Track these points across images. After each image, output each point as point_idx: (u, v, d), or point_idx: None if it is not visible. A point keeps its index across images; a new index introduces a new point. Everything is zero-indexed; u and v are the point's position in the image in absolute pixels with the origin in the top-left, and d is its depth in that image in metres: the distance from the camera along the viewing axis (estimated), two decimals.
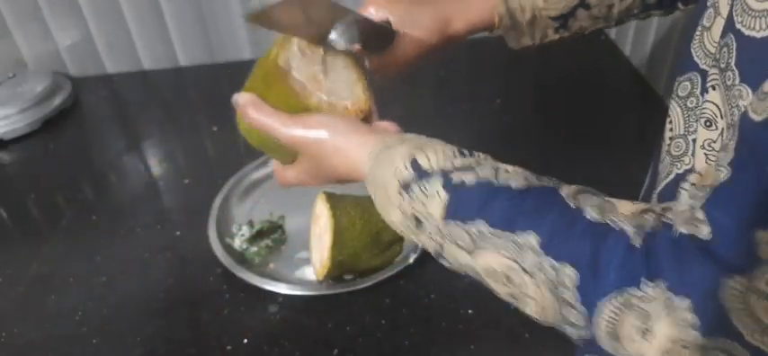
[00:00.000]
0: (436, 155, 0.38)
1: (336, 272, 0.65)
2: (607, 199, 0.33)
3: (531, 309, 0.34)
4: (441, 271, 0.68)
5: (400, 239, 0.70)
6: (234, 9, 1.20)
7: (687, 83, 0.41)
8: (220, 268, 0.70)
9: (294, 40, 0.49)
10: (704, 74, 0.39)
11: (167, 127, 1.08)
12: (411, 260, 0.68)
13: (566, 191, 0.34)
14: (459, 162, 0.38)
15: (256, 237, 0.73)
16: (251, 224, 0.75)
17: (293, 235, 0.75)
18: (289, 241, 0.75)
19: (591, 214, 0.32)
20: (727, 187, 0.27)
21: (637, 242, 0.30)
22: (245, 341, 0.62)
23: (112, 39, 1.24)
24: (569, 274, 0.31)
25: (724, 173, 0.27)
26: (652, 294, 0.28)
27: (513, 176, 0.36)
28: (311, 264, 0.69)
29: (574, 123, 0.95)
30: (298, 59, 0.49)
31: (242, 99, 0.49)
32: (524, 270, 0.33)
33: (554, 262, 0.31)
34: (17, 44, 1.25)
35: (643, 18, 0.59)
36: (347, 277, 0.67)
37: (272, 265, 0.71)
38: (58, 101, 1.12)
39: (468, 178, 0.36)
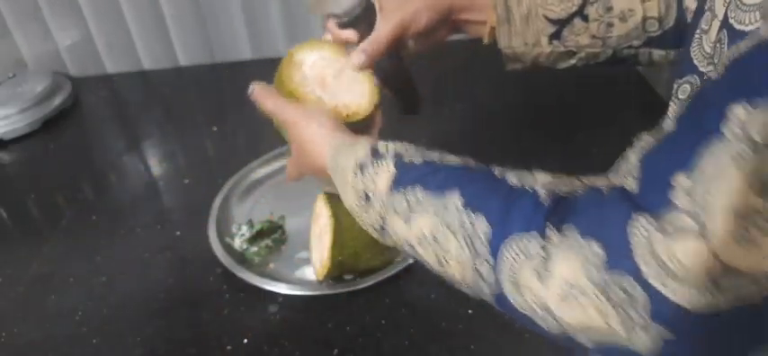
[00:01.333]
0: (395, 144, 0.43)
1: (336, 272, 0.65)
2: (532, 171, 0.36)
3: (453, 270, 0.36)
4: None
5: None
6: (234, 9, 1.20)
7: (687, 85, 0.41)
8: (220, 268, 0.70)
9: (326, 47, 0.57)
10: (702, 76, 0.39)
11: (167, 127, 1.08)
12: (411, 260, 0.68)
13: (498, 170, 0.37)
14: (413, 150, 0.42)
15: (256, 237, 0.73)
16: (251, 224, 0.75)
17: (293, 235, 0.75)
18: (289, 241, 0.75)
19: (511, 180, 0.35)
20: (668, 138, 0.27)
21: (546, 200, 0.32)
22: (245, 341, 0.62)
23: (112, 39, 1.25)
24: (482, 227, 0.33)
25: (670, 128, 0.28)
26: (555, 238, 0.30)
27: (456, 159, 0.40)
28: (311, 264, 0.69)
29: (573, 123, 0.95)
30: (315, 59, 0.56)
31: (256, 84, 0.56)
32: (448, 227, 0.35)
33: (472, 215, 0.34)
34: (17, 44, 1.25)
35: (642, 61, 0.55)
36: (347, 277, 0.67)
37: (272, 265, 0.71)
38: (58, 101, 1.13)
39: (417, 158, 0.40)
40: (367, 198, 0.41)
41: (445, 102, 1.03)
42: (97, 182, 0.93)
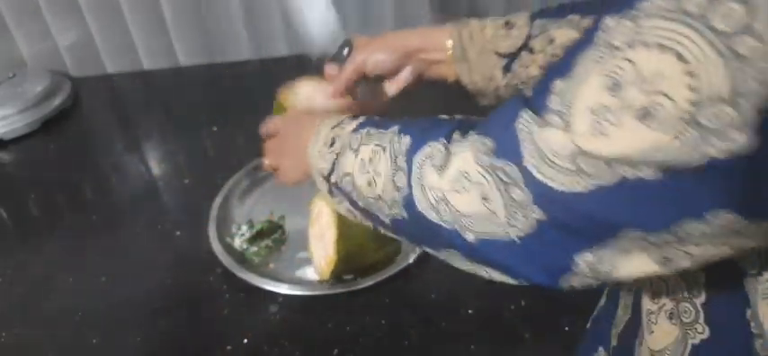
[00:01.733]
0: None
1: (341, 268, 0.65)
2: None
3: (378, 189, 0.40)
4: (441, 271, 0.68)
5: None
6: (234, 9, 1.20)
7: None
8: (220, 268, 0.70)
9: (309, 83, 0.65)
10: None
11: (167, 127, 1.08)
12: (411, 259, 0.68)
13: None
14: None
15: (256, 237, 0.73)
16: (251, 224, 0.75)
17: (293, 235, 0.75)
18: (289, 241, 0.75)
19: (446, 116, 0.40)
20: (563, 57, 0.30)
21: (459, 118, 0.37)
22: (245, 341, 0.62)
23: (112, 39, 1.24)
24: (405, 141, 0.39)
25: None
26: (454, 139, 0.35)
27: None
28: (313, 266, 0.69)
29: None
30: (308, 85, 0.65)
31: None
32: (383, 148, 0.41)
33: (400, 135, 0.40)
34: (17, 44, 1.25)
35: None
36: (347, 277, 0.67)
37: (272, 265, 0.71)
38: (57, 101, 1.13)
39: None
40: (332, 142, 0.47)
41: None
42: (97, 182, 0.93)
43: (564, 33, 0.54)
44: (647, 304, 0.40)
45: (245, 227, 0.74)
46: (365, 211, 0.44)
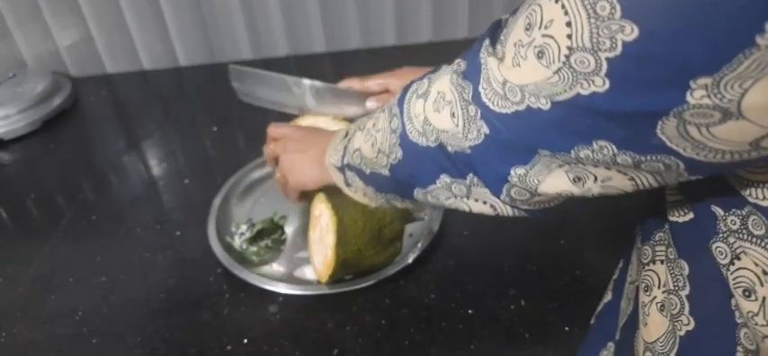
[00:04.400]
0: None
1: (341, 272, 0.65)
2: None
3: (377, 144, 0.46)
4: (441, 270, 0.68)
5: (400, 236, 0.70)
6: (234, 9, 1.20)
7: None
8: (220, 268, 0.70)
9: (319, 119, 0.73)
10: None
11: (167, 127, 1.08)
12: (410, 260, 0.68)
13: None
14: None
15: (256, 237, 0.73)
16: (251, 223, 0.75)
17: (293, 235, 0.75)
18: (289, 241, 0.75)
19: None
20: None
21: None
22: (245, 341, 0.62)
23: (112, 39, 1.25)
24: (399, 94, 0.45)
25: None
26: (437, 70, 0.41)
27: None
28: (313, 269, 0.69)
29: None
30: (309, 120, 0.72)
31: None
32: (382, 110, 0.47)
33: (397, 94, 0.45)
34: (17, 44, 1.25)
35: None
36: (347, 277, 0.67)
37: (272, 265, 0.71)
38: (58, 101, 1.13)
39: None
40: (346, 134, 0.52)
41: None
42: (97, 182, 0.93)
43: None
44: (641, 296, 0.41)
45: (244, 227, 0.74)
46: (372, 177, 0.49)
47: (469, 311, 0.63)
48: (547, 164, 0.34)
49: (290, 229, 0.76)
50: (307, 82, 0.71)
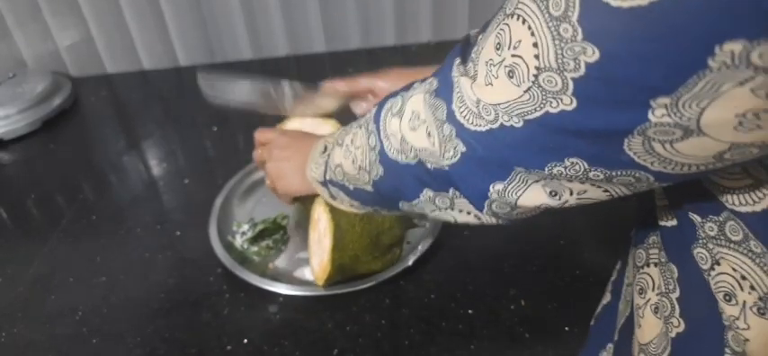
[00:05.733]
0: None
1: (337, 276, 0.65)
2: None
3: (357, 161, 0.47)
4: (441, 271, 0.68)
5: (400, 242, 0.70)
6: (234, 9, 1.20)
7: None
8: (220, 268, 0.70)
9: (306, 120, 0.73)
10: None
11: (167, 127, 1.08)
12: (410, 262, 0.68)
13: None
14: None
15: (257, 237, 0.73)
16: (253, 223, 0.75)
17: (294, 236, 0.75)
18: (290, 241, 0.75)
19: None
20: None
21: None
22: (245, 341, 0.62)
23: (112, 39, 1.25)
24: (374, 110, 0.45)
25: None
26: (412, 88, 0.41)
27: None
28: (311, 270, 0.69)
29: None
30: (295, 123, 0.73)
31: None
32: (359, 126, 0.47)
33: (372, 110, 0.46)
34: (17, 44, 1.25)
35: None
36: (344, 281, 0.67)
37: (272, 265, 0.71)
38: (58, 101, 1.13)
39: None
40: (324, 149, 0.52)
41: None
42: (97, 182, 0.93)
43: None
44: (636, 298, 0.41)
45: (246, 226, 0.74)
46: (356, 192, 0.49)
47: (469, 311, 0.63)
48: (523, 180, 0.34)
49: (291, 230, 0.76)
50: (286, 85, 0.71)
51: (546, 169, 0.32)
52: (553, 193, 0.34)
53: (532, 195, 0.35)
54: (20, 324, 0.67)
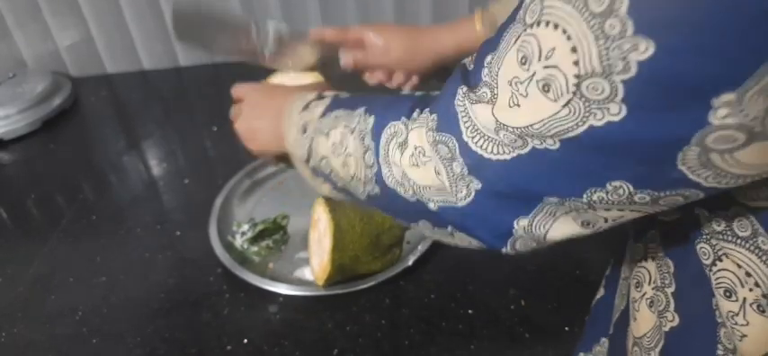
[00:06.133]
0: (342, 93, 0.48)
1: (337, 276, 0.65)
2: None
3: (351, 169, 0.42)
4: (441, 271, 0.68)
5: (399, 242, 0.70)
6: (234, 9, 1.20)
7: None
8: (220, 268, 0.70)
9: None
10: None
11: (167, 127, 1.08)
12: (410, 262, 0.68)
13: None
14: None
15: (258, 237, 0.73)
16: (254, 223, 0.75)
17: (294, 236, 0.75)
18: (290, 241, 0.75)
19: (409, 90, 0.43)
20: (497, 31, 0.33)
21: (419, 95, 0.39)
22: (245, 341, 0.62)
23: (112, 39, 1.25)
24: (370, 120, 0.40)
25: None
26: (413, 117, 0.37)
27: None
28: (311, 270, 0.69)
29: None
30: (279, 77, 0.68)
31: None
32: (350, 130, 0.42)
33: (366, 116, 0.41)
34: (17, 44, 1.25)
35: None
36: (344, 281, 0.67)
37: (272, 265, 0.71)
38: (58, 101, 1.13)
39: (351, 94, 0.46)
40: (304, 129, 0.47)
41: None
42: (97, 182, 0.93)
43: None
44: (632, 292, 0.41)
45: (246, 226, 0.74)
46: (345, 191, 0.45)
47: (469, 311, 0.63)
48: (552, 212, 0.31)
49: (291, 230, 0.76)
50: (272, 23, 0.65)
51: (584, 197, 0.29)
52: (586, 223, 0.31)
53: (563, 228, 0.32)
54: (20, 324, 0.67)
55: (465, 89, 0.33)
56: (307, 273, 0.70)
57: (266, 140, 0.55)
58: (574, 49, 0.25)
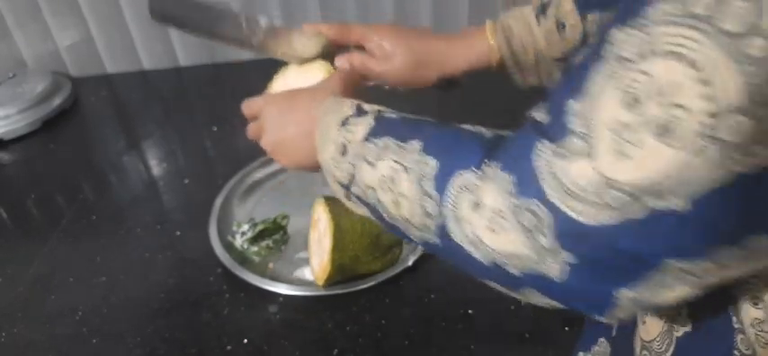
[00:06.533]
0: (380, 106, 0.44)
1: (337, 277, 0.65)
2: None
3: (404, 211, 0.37)
4: (441, 271, 0.68)
5: (399, 242, 0.70)
6: (234, 8, 1.20)
7: None
8: (220, 268, 0.70)
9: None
10: None
11: (167, 127, 1.08)
12: (410, 262, 0.68)
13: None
14: (393, 111, 0.43)
15: (258, 237, 0.73)
16: (254, 223, 0.75)
17: (294, 236, 0.75)
18: (290, 241, 0.75)
19: (466, 127, 0.37)
20: (570, 69, 0.29)
21: (487, 136, 0.34)
22: (245, 341, 0.62)
23: (112, 39, 1.24)
24: (431, 164, 0.35)
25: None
26: (486, 171, 0.32)
27: (430, 119, 0.41)
28: (311, 270, 0.69)
29: None
30: (289, 73, 0.63)
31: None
32: (404, 168, 0.37)
33: (424, 156, 0.36)
34: (17, 44, 1.25)
35: None
36: (344, 281, 0.67)
37: (272, 265, 0.71)
38: (58, 101, 1.13)
39: (394, 114, 0.42)
40: (344, 150, 0.42)
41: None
42: (97, 182, 0.93)
43: None
44: None
45: (246, 226, 0.74)
46: (392, 226, 0.41)
47: (469, 311, 0.63)
48: (664, 280, 0.26)
49: (291, 230, 0.76)
50: (263, 20, 0.61)
51: (714, 257, 0.25)
52: (704, 285, 0.27)
53: (677, 294, 0.27)
54: (20, 324, 0.67)
55: (547, 143, 0.28)
56: (307, 273, 0.70)
57: (298, 154, 0.51)
58: (704, 82, 0.21)
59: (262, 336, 0.63)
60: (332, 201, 0.64)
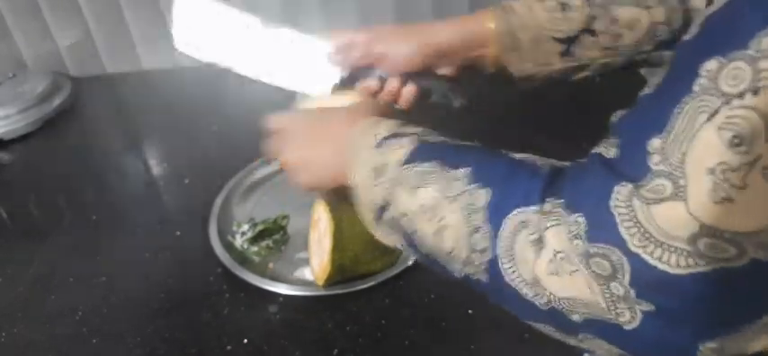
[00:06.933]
0: (419, 127, 0.42)
1: (337, 277, 0.65)
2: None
3: (447, 242, 0.35)
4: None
5: None
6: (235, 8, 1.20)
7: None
8: (220, 268, 0.70)
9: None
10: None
11: (167, 127, 1.08)
12: (410, 262, 0.68)
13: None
14: (432, 132, 0.41)
15: (258, 237, 0.73)
16: (254, 223, 0.75)
17: (294, 236, 0.75)
18: (290, 241, 0.75)
19: (517, 156, 0.35)
20: (644, 102, 0.27)
21: (544, 172, 0.32)
22: (245, 341, 0.62)
23: (112, 39, 1.24)
24: (483, 194, 0.33)
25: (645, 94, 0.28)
26: (549, 209, 0.29)
27: (471, 143, 0.39)
28: (311, 270, 0.69)
29: (584, 124, 0.95)
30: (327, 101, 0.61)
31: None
32: (451, 199, 0.34)
33: (473, 186, 0.34)
34: (17, 44, 1.25)
35: (656, 63, 0.55)
36: (344, 281, 0.67)
37: (272, 265, 0.71)
38: (58, 101, 1.13)
39: (436, 138, 0.40)
40: (379, 173, 0.40)
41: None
42: (97, 182, 0.93)
43: (628, 12, 0.52)
44: None
45: (246, 226, 0.74)
46: (428, 257, 0.38)
47: (469, 311, 0.63)
48: (755, 332, 0.24)
49: (291, 230, 0.76)
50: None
51: None
52: None
53: (763, 342, 0.25)
54: (20, 324, 0.67)
55: (627, 185, 0.26)
56: (307, 273, 0.70)
57: (322, 173, 0.49)
58: None
59: (262, 336, 0.63)
60: (332, 201, 0.64)
